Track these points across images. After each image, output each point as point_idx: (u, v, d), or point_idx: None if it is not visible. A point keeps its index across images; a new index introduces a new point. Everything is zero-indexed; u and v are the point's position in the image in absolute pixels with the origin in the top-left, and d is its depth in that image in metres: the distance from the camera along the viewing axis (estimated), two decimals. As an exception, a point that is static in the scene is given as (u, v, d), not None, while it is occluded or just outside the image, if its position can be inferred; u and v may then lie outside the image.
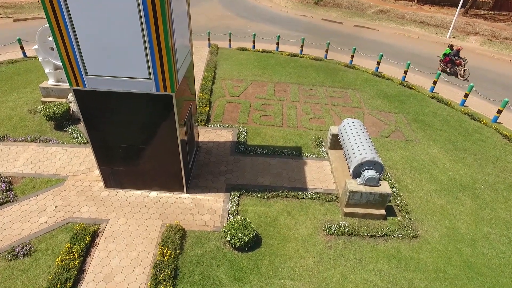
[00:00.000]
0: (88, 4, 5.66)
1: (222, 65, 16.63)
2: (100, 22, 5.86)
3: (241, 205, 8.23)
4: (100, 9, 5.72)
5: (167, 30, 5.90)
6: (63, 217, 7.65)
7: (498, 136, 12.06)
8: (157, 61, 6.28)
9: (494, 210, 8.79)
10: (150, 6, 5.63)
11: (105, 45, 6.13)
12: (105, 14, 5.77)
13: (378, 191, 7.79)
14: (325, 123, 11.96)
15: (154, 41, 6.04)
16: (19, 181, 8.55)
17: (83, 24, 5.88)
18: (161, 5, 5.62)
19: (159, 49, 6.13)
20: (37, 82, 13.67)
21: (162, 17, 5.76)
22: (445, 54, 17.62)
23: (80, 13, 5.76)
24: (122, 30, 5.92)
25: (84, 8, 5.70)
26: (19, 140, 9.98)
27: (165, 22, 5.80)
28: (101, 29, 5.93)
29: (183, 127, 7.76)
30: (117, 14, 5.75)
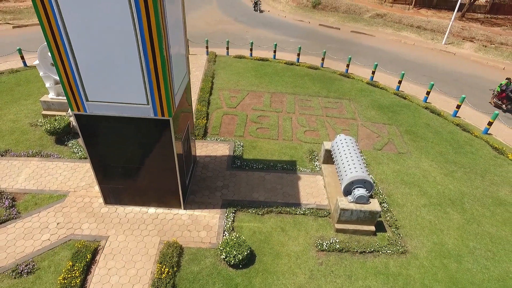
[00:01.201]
0: (88, 34, 5.92)
1: (219, 74, 16.89)
2: (100, 51, 6.13)
3: (237, 221, 8.53)
4: (100, 39, 5.98)
5: (164, 60, 6.17)
6: (65, 234, 7.94)
7: (488, 148, 12.38)
8: (155, 88, 6.55)
9: (481, 224, 9.11)
10: (147, 37, 5.90)
11: (105, 73, 6.40)
12: (104, 44, 6.03)
13: (368, 208, 8.10)
14: (320, 136, 12.25)
15: (151, 70, 6.32)
16: (22, 197, 8.83)
17: (84, 52, 6.15)
18: (159, 37, 5.89)
19: (157, 77, 6.40)
20: (37, 93, 13.92)
21: (159, 48, 6.03)
22: (501, 87, 15.40)
23: (80, 42, 6.02)
24: (121, 59, 6.19)
25: (85, 37, 5.97)
26: (21, 154, 10.25)
27: (162, 52, 6.07)
28: (101, 58, 6.20)
29: (181, 146, 8.04)
30: (117, 44, 6.02)
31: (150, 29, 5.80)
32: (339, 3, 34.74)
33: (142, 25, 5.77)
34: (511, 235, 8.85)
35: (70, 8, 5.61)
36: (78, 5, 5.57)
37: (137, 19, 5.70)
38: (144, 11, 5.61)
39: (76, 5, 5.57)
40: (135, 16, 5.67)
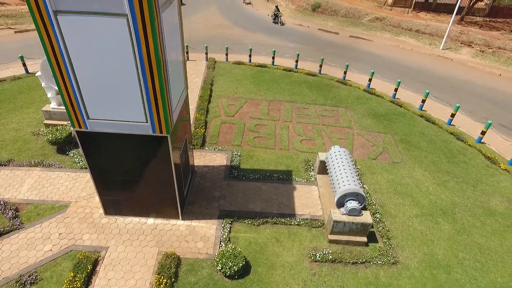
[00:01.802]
0: (89, 56, 6.18)
1: (218, 81, 17.14)
2: (100, 72, 6.38)
3: (233, 232, 8.79)
4: (100, 61, 6.24)
5: (162, 81, 6.42)
6: (66, 244, 8.21)
7: (481, 158, 12.62)
8: (153, 107, 6.81)
9: (471, 235, 9.37)
10: (146, 59, 6.15)
11: (105, 93, 6.66)
12: (105, 66, 6.29)
13: (360, 220, 8.35)
14: (316, 145, 12.50)
15: (150, 90, 6.57)
16: (25, 207, 9.10)
17: (85, 73, 6.41)
18: (157, 60, 6.14)
19: (155, 97, 6.66)
20: (39, 101, 14.18)
21: (158, 70, 6.28)
22: None
23: (81, 64, 6.29)
24: (121, 80, 6.44)
25: (86, 59, 6.23)
26: (24, 164, 10.52)
27: (161, 74, 6.33)
28: (101, 79, 6.46)
29: (179, 159, 8.30)
30: (117, 66, 6.27)
31: (148, 53, 6.05)
32: (339, 7, 34.93)
33: (141, 49, 6.02)
34: (499, 246, 9.10)
35: (72, 33, 5.86)
36: (80, 30, 5.82)
37: (136, 44, 5.95)
38: (143, 36, 5.86)
39: (78, 30, 5.82)
40: (135, 41, 5.92)
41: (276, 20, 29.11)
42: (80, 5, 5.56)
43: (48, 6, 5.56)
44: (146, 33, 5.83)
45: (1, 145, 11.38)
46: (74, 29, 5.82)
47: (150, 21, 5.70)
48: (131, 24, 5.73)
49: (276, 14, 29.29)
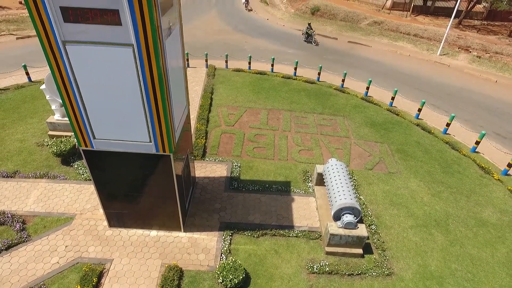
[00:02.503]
0: (95, 81, 6.46)
1: (218, 89, 17.42)
2: (106, 96, 6.67)
3: (233, 244, 9.09)
4: (106, 86, 6.52)
5: (166, 104, 6.71)
6: (73, 257, 8.50)
7: (475, 168, 12.93)
8: (157, 128, 7.10)
9: (463, 246, 9.68)
10: (150, 84, 6.44)
11: (111, 115, 6.94)
12: (110, 90, 6.58)
13: (356, 234, 8.66)
14: (314, 155, 12.80)
15: (154, 112, 6.86)
16: (31, 220, 9.39)
17: (91, 97, 6.70)
18: (160, 86, 6.43)
19: (158, 119, 6.95)
20: (42, 110, 14.45)
21: (161, 94, 6.57)
22: None
23: (88, 89, 6.57)
24: (126, 103, 6.73)
25: (92, 85, 6.51)
26: (29, 176, 10.80)
27: (164, 97, 6.61)
28: (107, 102, 6.74)
29: (181, 174, 8.59)
30: (122, 89, 6.56)
31: (152, 78, 6.34)
32: (337, 10, 35.18)
33: (145, 75, 6.31)
34: (490, 257, 9.42)
35: (79, 61, 6.14)
36: (87, 58, 6.11)
37: (141, 70, 6.24)
38: (147, 64, 6.14)
39: (86, 59, 6.11)
40: (139, 68, 6.20)
41: (309, 39, 26.14)
42: (88, 36, 5.84)
43: (57, 37, 5.84)
44: (150, 61, 6.12)
45: (7, 156, 11.66)
46: (81, 57, 6.10)
47: (154, 50, 5.98)
48: (137, 52, 6.01)
49: (308, 33, 26.11)
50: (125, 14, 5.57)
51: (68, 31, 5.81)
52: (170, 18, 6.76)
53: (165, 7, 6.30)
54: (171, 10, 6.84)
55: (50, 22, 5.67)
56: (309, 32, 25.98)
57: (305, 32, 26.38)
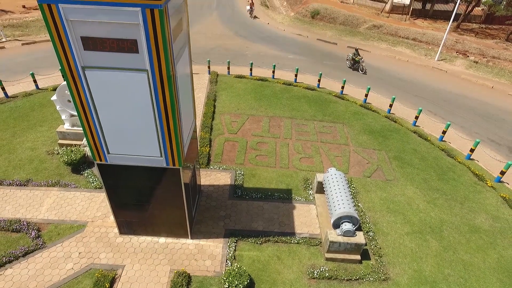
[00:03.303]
0: (111, 103, 6.93)
1: (221, 96, 17.89)
2: (121, 115, 7.14)
3: (238, 250, 9.58)
4: (121, 106, 6.99)
5: (176, 123, 7.18)
6: (86, 263, 8.99)
7: (469, 175, 13.42)
8: (167, 144, 7.58)
9: (456, 252, 10.18)
10: (162, 105, 6.91)
11: (125, 132, 7.42)
12: (125, 109, 7.05)
13: (354, 241, 9.16)
14: (314, 163, 13.28)
15: (165, 130, 7.33)
16: (46, 227, 9.87)
17: (107, 116, 7.17)
18: (171, 104, 6.90)
19: (169, 136, 7.42)
20: (51, 118, 14.92)
21: (172, 113, 7.04)
22: None
23: (105, 109, 7.04)
24: (139, 121, 7.20)
25: (109, 105, 6.98)
26: (42, 184, 11.27)
27: (175, 116, 7.09)
28: (122, 121, 7.21)
29: (189, 185, 9.07)
30: (135, 110, 7.03)
31: (165, 100, 6.81)
32: (337, 14, 35.58)
33: (158, 97, 6.78)
34: (482, 262, 9.91)
35: (97, 85, 6.62)
36: (104, 82, 6.58)
37: (154, 93, 6.71)
38: (160, 87, 6.62)
39: (103, 82, 6.58)
40: (153, 91, 6.68)
41: (355, 66, 22.96)
42: (105, 62, 6.31)
43: (77, 63, 6.31)
44: (163, 84, 6.59)
45: (19, 164, 12.13)
46: (99, 80, 6.58)
47: (166, 74, 6.45)
48: (150, 77, 6.48)
49: (355, 59, 22.79)
50: (142, 43, 6.04)
51: (88, 58, 6.29)
52: (181, 41, 7.23)
53: (176, 33, 6.77)
54: (181, 34, 7.32)
55: (71, 50, 6.13)
56: (356, 59, 22.83)
57: (351, 58, 23.13)
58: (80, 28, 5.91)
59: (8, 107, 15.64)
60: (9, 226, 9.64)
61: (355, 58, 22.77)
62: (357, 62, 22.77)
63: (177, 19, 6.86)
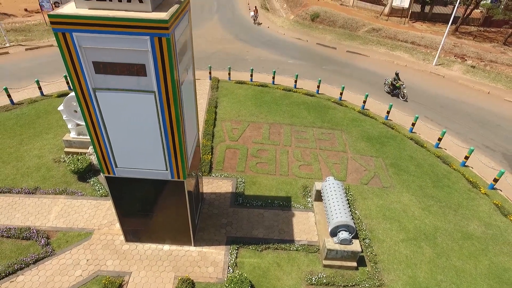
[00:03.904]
0: (120, 121, 7.32)
1: (222, 102, 18.27)
2: (129, 132, 7.52)
3: (239, 257, 9.99)
4: (129, 124, 7.38)
5: (181, 138, 7.57)
6: (93, 270, 9.39)
7: (463, 182, 13.82)
8: (173, 159, 7.96)
9: (449, 258, 10.58)
10: (168, 123, 7.29)
11: (132, 147, 7.80)
12: (133, 127, 7.43)
13: (350, 249, 9.56)
14: (313, 170, 13.68)
15: (170, 146, 7.72)
16: (54, 235, 10.27)
17: (116, 133, 7.55)
18: (177, 122, 7.29)
19: (174, 151, 7.81)
20: (56, 126, 15.29)
21: (177, 130, 7.43)
22: None
23: (114, 126, 7.43)
24: (146, 138, 7.59)
25: (117, 123, 7.37)
26: (49, 192, 11.66)
27: (180, 133, 7.47)
28: (129, 136, 7.60)
29: (192, 195, 9.46)
30: (143, 127, 7.42)
31: (171, 118, 7.19)
32: (337, 17, 35.91)
33: (164, 115, 7.16)
34: (474, 268, 10.32)
35: (107, 105, 7.00)
36: (114, 102, 6.96)
37: (161, 112, 7.09)
38: (166, 107, 7.00)
39: (112, 102, 6.96)
40: (159, 110, 7.06)
41: (395, 92, 20.60)
42: (115, 84, 6.69)
43: (88, 85, 6.69)
44: (169, 104, 6.98)
45: (27, 172, 12.52)
46: (109, 101, 6.96)
47: (173, 95, 6.84)
48: (157, 98, 6.87)
49: (395, 84, 20.26)
50: (150, 67, 6.43)
51: (98, 80, 6.67)
52: (186, 61, 7.61)
53: (181, 55, 7.15)
54: (186, 54, 7.70)
55: (83, 73, 6.52)
56: (396, 84, 20.17)
57: (390, 83, 20.51)
58: (92, 54, 6.29)
59: (15, 114, 16.02)
60: (20, 234, 10.03)
61: (395, 84, 20.23)
62: (397, 88, 20.32)
63: (183, 42, 7.24)
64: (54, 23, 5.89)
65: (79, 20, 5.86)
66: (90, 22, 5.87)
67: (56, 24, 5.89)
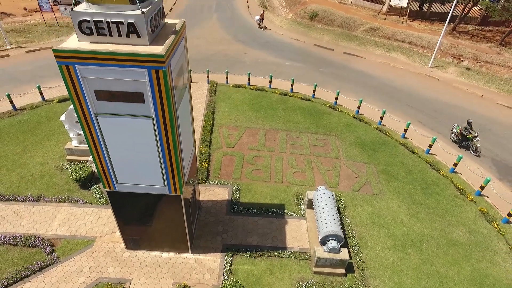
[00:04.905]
0: (120, 142, 7.77)
1: (219, 107, 18.69)
2: (128, 151, 7.99)
3: (234, 264, 10.53)
4: (129, 145, 7.84)
5: (178, 157, 8.04)
6: (96, 277, 9.94)
7: (451, 189, 14.33)
8: (170, 175, 8.44)
9: (433, 265, 11.14)
10: (165, 144, 7.75)
11: (132, 165, 8.28)
12: (132, 147, 7.89)
13: (339, 257, 10.11)
14: (306, 177, 14.17)
15: (168, 163, 8.19)
16: (59, 242, 10.80)
17: (116, 153, 8.02)
18: (173, 143, 7.75)
19: (171, 168, 8.28)
20: (58, 132, 15.74)
21: (174, 150, 7.89)
22: None
23: (114, 147, 7.89)
24: (144, 157, 8.05)
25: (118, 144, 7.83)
26: (53, 200, 12.17)
27: (176, 153, 7.94)
28: (129, 156, 8.07)
29: (189, 203, 9.97)
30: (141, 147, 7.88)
31: (167, 140, 7.65)
32: (335, 16, 36.06)
33: (161, 137, 7.62)
34: (456, 275, 10.89)
35: (108, 128, 7.45)
36: (115, 126, 7.42)
37: (158, 134, 7.55)
38: (164, 129, 7.45)
39: (113, 126, 7.42)
40: (157, 132, 7.51)
41: (465, 143, 17.20)
42: (115, 110, 7.14)
43: (90, 111, 7.14)
44: (166, 127, 7.43)
45: (31, 179, 13.01)
46: (110, 125, 7.41)
47: (169, 119, 7.29)
48: (155, 122, 7.32)
49: (466, 136, 16.79)
50: (147, 95, 6.87)
51: (100, 106, 7.11)
52: (181, 85, 8.03)
53: (177, 80, 7.58)
54: (182, 78, 8.12)
55: (85, 100, 6.96)
56: (468, 136, 16.80)
57: (458, 132, 17.23)
58: (94, 83, 6.73)
59: (17, 120, 16.45)
60: (26, 242, 10.56)
61: (466, 135, 16.78)
62: (468, 139, 16.91)
63: (179, 67, 7.66)
64: (59, 57, 6.31)
65: (81, 55, 6.28)
66: (92, 56, 6.29)
67: (60, 57, 6.31)
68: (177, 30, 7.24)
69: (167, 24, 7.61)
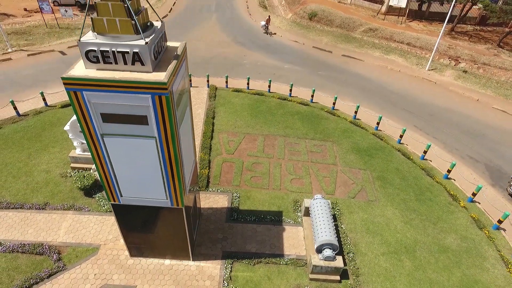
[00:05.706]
0: (125, 159, 8.16)
1: (219, 112, 19.04)
2: (132, 168, 8.38)
3: (234, 271, 10.98)
4: (133, 162, 8.22)
5: (179, 173, 8.43)
6: (101, 284, 10.39)
7: (445, 195, 14.75)
8: (172, 190, 8.84)
9: (425, 271, 11.60)
10: (168, 161, 8.14)
11: (136, 180, 8.67)
12: (136, 164, 8.28)
13: (334, 265, 10.56)
14: (304, 184, 14.58)
15: (170, 179, 8.58)
16: (65, 250, 11.23)
17: (121, 169, 8.40)
18: (176, 161, 8.13)
19: (174, 184, 8.68)
20: (61, 138, 16.10)
21: (176, 167, 8.28)
22: None
23: (119, 164, 8.28)
24: (148, 173, 8.44)
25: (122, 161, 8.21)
26: (58, 208, 12.58)
27: (178, 169, 8.33)
28: (133, 172, 8.45)
29: (190, 217, 10.39)
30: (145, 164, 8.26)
31: (170, 158, 8.03)
32: (334, 16, 36.21)
33: (164, 156, 8.00)
34: (447, 280, 11.35)
35: (113, 147, 7.84)
36: (120, 145, 7.79)
37: (161, 153, 7.93)
38: (166, 149, 7.84)
39: (118, 145, 7.80)
40: (160, 151, 7.89)
41: None
42: (120, 131, 7.51)
43: (97, 132, 7.51)
44: (169, 147, 7.81)
45: (36, 187, 13.41)
46: (115, 144, 7.79)
47: (171, 140, 7.67)
48: (158, 142, 7.70)
49: None
50: (151, 118, 7.23)
51: (106, 128, 7.48)
52: (183, 104, 8.40)
53: (179, 101, 7.93)
54: (183, 98, 8.48)
55: (92, 122, 7.33)
56: None
57: None
58: (100, 107, 7.10)
59: (21, 126, 16.80)
60: (33, 250, 10.99)
61: None
62: None
63: (180, 89, 8.01)
64: (67, 84, 6.66)
65: (88, 82, 6.64)
66: (99, 83, 6.65)
67: (68, 84, 6.67)
68: (179, 55, 7.58)
69: (169, 48, 7.95)
